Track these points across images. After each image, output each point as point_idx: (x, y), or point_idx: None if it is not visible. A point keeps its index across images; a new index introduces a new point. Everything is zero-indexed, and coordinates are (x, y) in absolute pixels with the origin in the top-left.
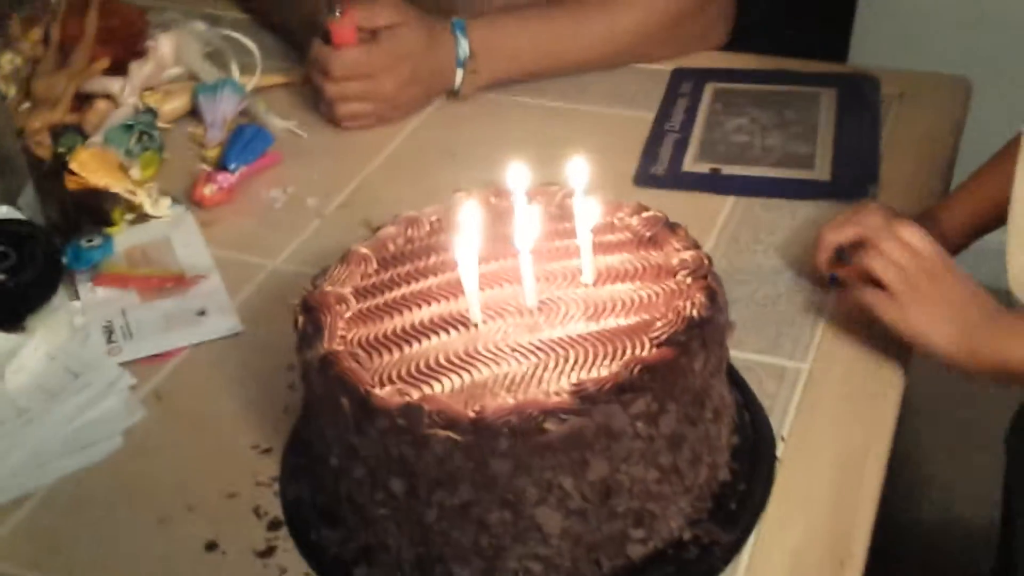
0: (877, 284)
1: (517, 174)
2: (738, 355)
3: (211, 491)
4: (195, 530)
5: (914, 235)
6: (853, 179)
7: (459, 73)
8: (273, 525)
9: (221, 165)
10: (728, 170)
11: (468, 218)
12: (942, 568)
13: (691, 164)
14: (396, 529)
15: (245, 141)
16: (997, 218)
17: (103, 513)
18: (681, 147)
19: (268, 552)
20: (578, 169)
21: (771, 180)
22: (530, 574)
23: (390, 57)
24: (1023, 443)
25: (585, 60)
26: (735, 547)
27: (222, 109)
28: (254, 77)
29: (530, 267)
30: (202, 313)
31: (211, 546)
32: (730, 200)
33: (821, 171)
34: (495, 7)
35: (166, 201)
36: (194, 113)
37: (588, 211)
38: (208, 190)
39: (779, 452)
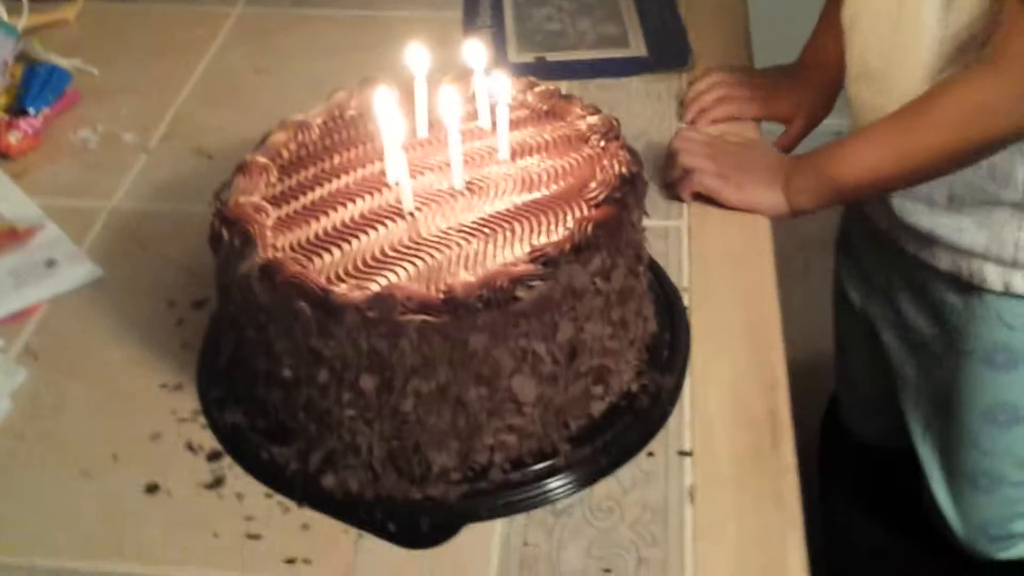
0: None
1: (417, 56)
2: None
3: (132, 436)
4: (128, 476)
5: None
6: (669, 52)
7: None
8: (213, 456)
9: (19, 110)
10: (552, 57)
11: (383, 107)
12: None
13: (516, 56)
14: (366, 428)
15: (41, 81)
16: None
17: (21, 478)
18: (500, 40)
19: (218, 483)
20: (476, 50)
21: (596, 62)
22: (505, 446)
23: None
24: (851, 270)
25: None
26: (677, 389)
27: None
28: (22, 17)
29: (458, 148)
30: (51, 264)
31: (152, 488)
32: (563, 85)
33: (637, 48)
34: None
35: None
36: None
37: (497, 88)
38: (13, 138)
39: (686, 301)
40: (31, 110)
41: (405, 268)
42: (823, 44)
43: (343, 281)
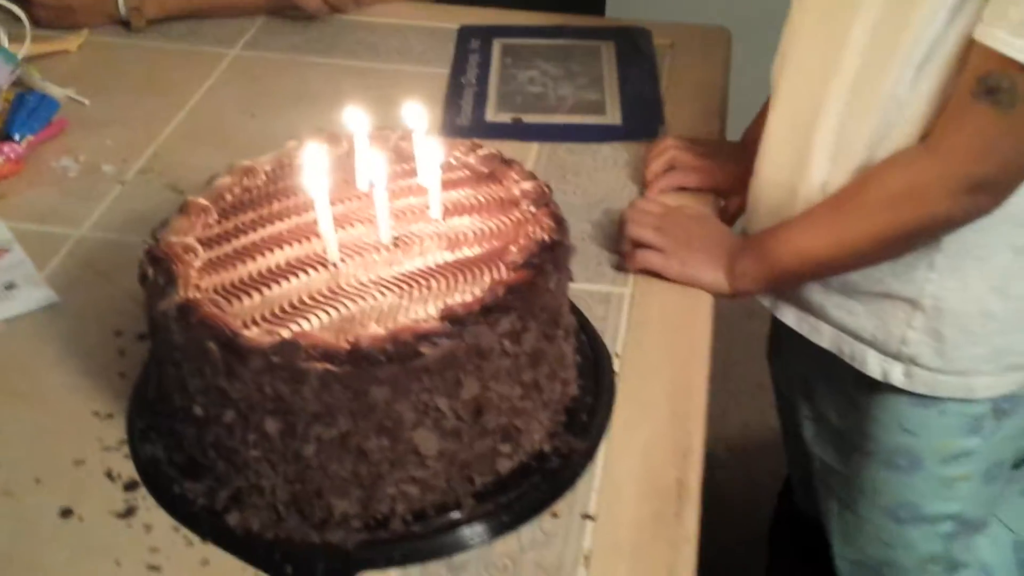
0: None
1: (355, 117)
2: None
3: (57, 461)
4: (46, 499)
5: (651, 202)
6: (643, 122)
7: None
8: (130, 486)
9: (5, 135)
10: (529, 119)
11: (314, 161)
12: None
13: (493, 115)
14: (270, 470)
15: (29, 109)
16: None
17: None
18: (481, 99)
19: (129, 512)
20: (415, 112)
21: (570, 126)
22: (407, 497)
23: None
24: (779, 351)
25: None
26: (590, 453)
27: None
28: (24, 45)
29: (384, 203)
30: (11, 287)
31: (66, 512)
32: (535, 146)
33: (612, 116)
34: None
35: None
36: None
37: (430, 150)
38: None
39: (616, 367)
40: (16, 136)
41: (319, 317)
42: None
43: (257, 325)
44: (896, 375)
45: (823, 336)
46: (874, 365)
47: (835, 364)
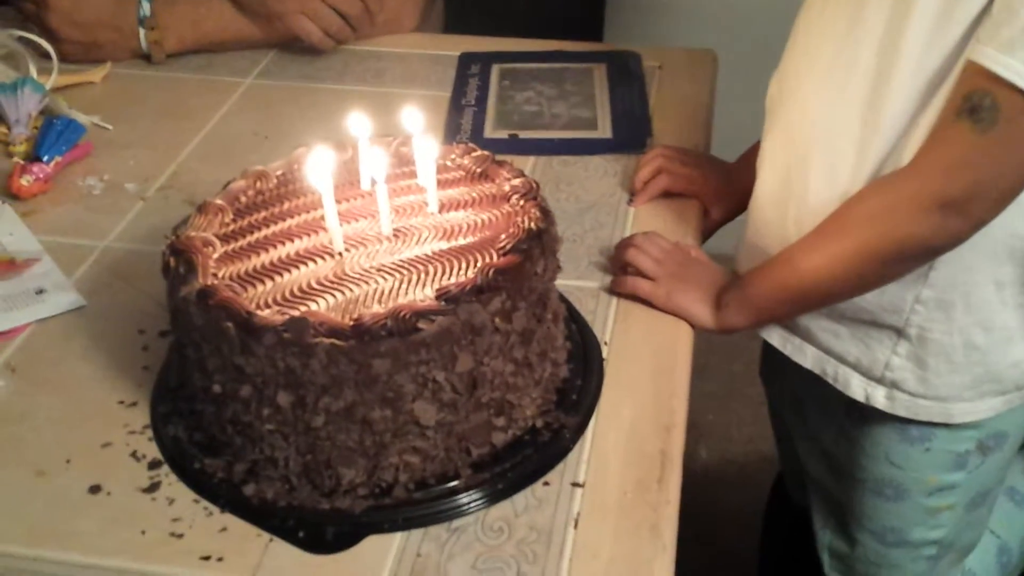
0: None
1: (359, 123)
2: (560, 282)
3: (85, 444)
4: (76, 478)
5: (660, 236)
6: (631, 136)
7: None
8: (153, 465)
9: (35, 157)
10: (525, 135)
11: (321, 162)
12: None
13: (491, 132)
14: (283, 441)
15: (57, 132)
16: None
17: None
18: (480, 118)
19: (153, 487)
20: (413, 116)
21: (563, 140)
22: (409, 467)
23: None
24: (771, 369)
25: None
26: (580, 428)
27: (24, 106)
28: (52, 75)
29: (385, 198)
30: (41, 292)
31: (95, 489)
32: (530, 160)
33: (604, 131)
34: None
35: None
36: None
37: (427, 150)
38: (25, 180)
39: (605, 354)
40: (44, 158)
41: (326, 299)
42: (754, 158)
43: (269, 307)
44: (879, 398)
45: (807, 357)
46: (857, 388)
47: (826, 390)
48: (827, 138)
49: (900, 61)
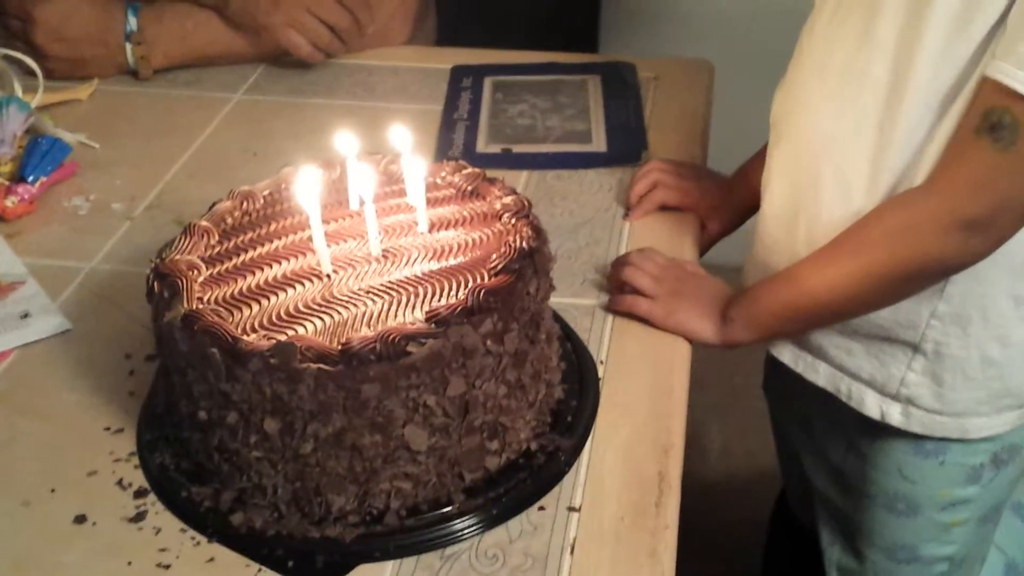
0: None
1: (346, 141)
2: (555, 300)
3: (71, 472)
4: (62, 507)
5: (656, 252)
6: (627, 149)
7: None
8: (139, 493)
9: (19, 177)
10: (518, 149)
11: (308, 181)
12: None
13: (484, 146)
14: (271, 469)
15: (42, 152)
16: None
17: None
18: (472, 132)
19: (139, 517)
20: (401, 134)
21: (557, 154)
22: (401, 493)
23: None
24: (776, 384)
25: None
26: (575, 451)
27: (9, 126)
28: (38, 94)
29: (374, 217)
30: (25, 316)
31: (80, 519)
32: (524, 174)
33: (598, 144)
34: None
35: None
36: None
37: (416, 169)
38: (10, 202)
39: (600, 373)
40: (30, 178)
41: (313, 323)
42: (752, 172)
43: (256, 332)
44: (894, 415)
45: (819, 375)
46: (872, 405)
47: (836, 405)
48: (839, 153)
49: (914, 75)
